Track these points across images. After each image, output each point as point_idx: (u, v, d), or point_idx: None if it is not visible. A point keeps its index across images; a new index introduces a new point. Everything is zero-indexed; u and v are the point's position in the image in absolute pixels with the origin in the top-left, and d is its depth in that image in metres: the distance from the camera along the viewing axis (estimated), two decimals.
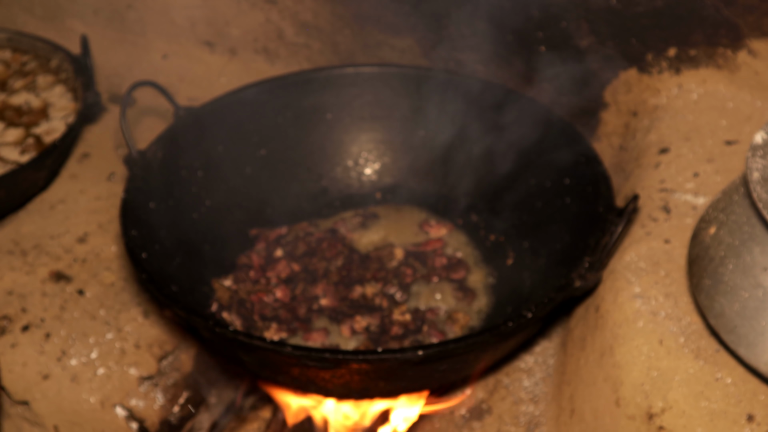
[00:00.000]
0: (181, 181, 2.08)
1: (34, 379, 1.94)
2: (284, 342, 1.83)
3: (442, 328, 1.96)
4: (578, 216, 1.90)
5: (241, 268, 2.12)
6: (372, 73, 2.33)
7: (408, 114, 2.35)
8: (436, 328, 1.96)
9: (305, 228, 2.27)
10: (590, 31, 2.29)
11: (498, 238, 2.19)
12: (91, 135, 2.71)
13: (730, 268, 1.39)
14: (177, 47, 3.06)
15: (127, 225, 1.79)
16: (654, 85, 2.30)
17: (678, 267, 1.69)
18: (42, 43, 2.79)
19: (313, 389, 1.68)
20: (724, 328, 1.41)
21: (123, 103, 1.93)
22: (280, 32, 2.84)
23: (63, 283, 2.13)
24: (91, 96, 2.46)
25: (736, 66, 2.19)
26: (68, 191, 2.44)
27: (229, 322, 1.95)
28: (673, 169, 2.00)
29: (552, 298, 1.60)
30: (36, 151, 2.35)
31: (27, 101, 2.58)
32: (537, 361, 2.00)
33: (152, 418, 1.97)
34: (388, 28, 2.61)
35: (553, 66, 2.40)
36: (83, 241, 2.25)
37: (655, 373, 1.51)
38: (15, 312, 2.04)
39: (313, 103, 2.33)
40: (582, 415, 1.69)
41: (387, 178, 2.41)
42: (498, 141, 2.19)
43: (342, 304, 2.01)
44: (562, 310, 2.06)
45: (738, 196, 1.45)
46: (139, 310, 2.08)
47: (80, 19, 3.17)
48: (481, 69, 2.54)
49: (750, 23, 2.11)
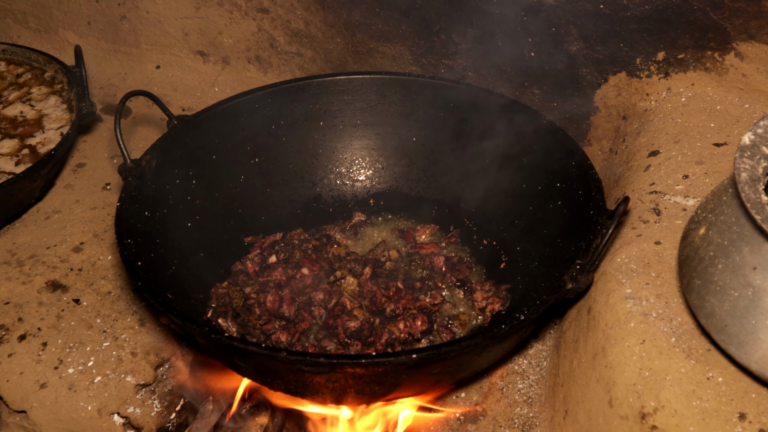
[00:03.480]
0: (176, 190, 2.09)
1: (31, 388, 1.94)
2: (279, 347, 1.84)
3: (450, 328, 1.99)
4: (569, 219, 1.91)
5: (236, 275, 2.13)
6: (364, 80, 2.34)
7: (400, 120, 2.37)
8: (444, 326, 1.98)
9: (299, 234, 2.28)
10: (579, 36, 2.31)
11: (491, 242, 2.20)
12: (86, 145, 2.72)
13: (720, 268, 1.40)
14: (170, 57, 3.08)
15: (122, 234, 1.80)
16: (643, 89, 2.32)
17: (669, 268, 1.70)
18: (36, 54, 2.81)
19: (309, 394, 1.69)
20: (715, 327, 1.42)
21: (117, 113, 1.94)
22: (273, 41, 2.85)
23: (59, 292, 2.13)
24: (85, 106, 2.47)
25: (723, 69, 2.20)
26: (63, 201, 2.45)
27: (225, 328, 1.95)
28: (662, 172, 2.01)
29: (544, 301, 1.61)
30: (31, 162, 2.36)
31: (22, 112, 2.59)
32: (531, 364, 2.01)
33: (149, 426, 1.97)
34: (379, 36, 2.62)
35: (542, 71, 2.42)
36: (79, 250, 2.26)
37: (647, 373, 1.51)
38: (12, 322, 2.05)
39: (305, 110, 2.35)
40: (575, 416, 1.70)
41: (380, 184, 2.42)
42: (489, 146, 2.21)
43: (337, 309, 2.02)
44: (555, 313, 2.07)
45: (727, 197, 1.46)
46: (135, 319, 2.09)
47: (74, 30, 3.18)
48: (472, 75, 2.55)
49: (737, 26, 2.13)
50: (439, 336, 1.97)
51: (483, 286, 2.07)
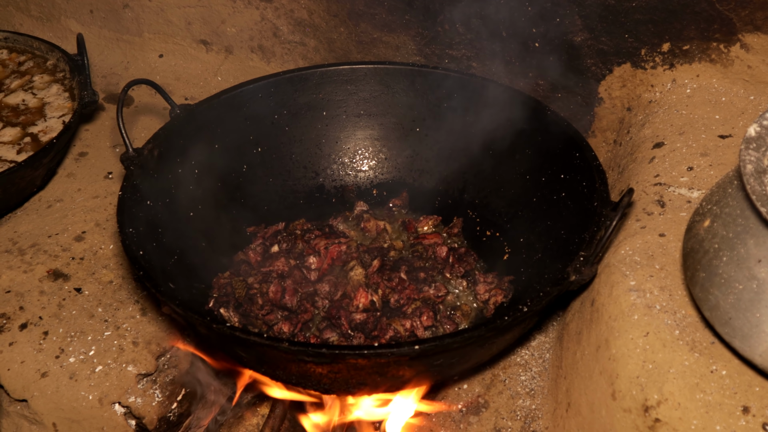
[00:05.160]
0: (178, 179, 2.08)
1: (32, 377, 1.94)
2: (280, 338, 1.84)
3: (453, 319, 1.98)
4: (573, 210, 1.91)
5: (238, 265, 2.13)
6: (367, 70, 2.34)
7: (403, 111, 2.36)
8: (447, 317, 1.98)
9: (302, 224, 2.27)
10: (584, 27, 2.30)
11: (494, 233, 2.20)
12: (88, 134, 2.72)
13: (725, 260, 1.39)
14: (173, 46, 3.07)
15: (123, 223, 1.80)
16: (648, 80, 2.31)
17: (673, 260, 1.70)
18: (38, 42, 2.80)
19: (311, 385, 1.68)
20: (719, 320, 1.41)
21: (119, 102, 1.93)
22: (276, 30, 2.84)
23: (61, 281, 2.13)
24: (87, 95, 2.47)
25: (729, 60, 2.19)
26: (65, 190, 2.44)
27: (227, 318, 1.95)
28: (667, 164, 2.01)
29: (547, 293, 1.61)
30: (33, 150, 2.35)
31: (24, 100, 2.58)
32: (533, 356, 2.00)
33: (150, 415, 1.97)
34: (383, 26, 2.61)
35: (547, 62, 2.41)
36: (81, 239, 2.25)
37: (651, 365, 1.51)
38: (13, 310, 2.05)
39: (308, 100, 2.34)
40: (578, 409, 1.70)
41: (383, 174, 2.42)
42: (492, 137, 2.20)
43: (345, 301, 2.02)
44: (558, 305, 2.06)
45: (732, 189, 1.45)
46: (137, 308, 2.09)
47: (76, 18, 3.17)
48: (476, 65, 2.54)
49: (743, 17, 2.12)
50: (441, 327, 1.97)
51: (486, 277, 2.06)
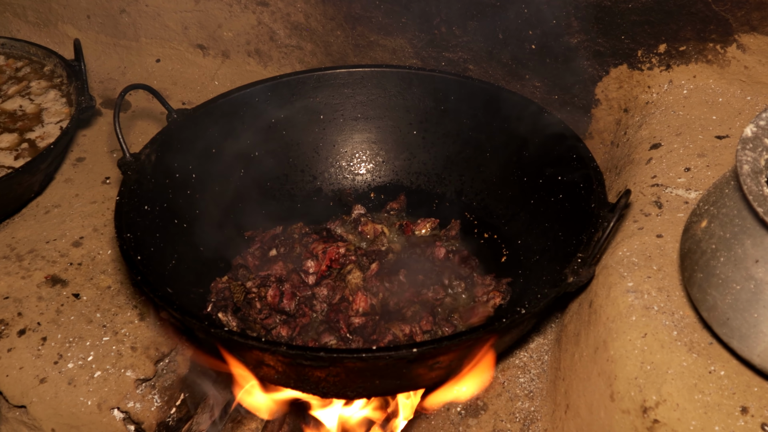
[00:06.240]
0: (175, 184, 2.08)
1: (31, 383, 1.94)
2: (279, 341, 1.84)
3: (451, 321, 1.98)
4: (571, 212, 1.91)
5: (236, 269, 2.12)
6: (364, 73, 2.34)
7: (401, 114, 2.36)
8: (445, 319, 1.98)
9: (300, 228, 2.27)
10: (580, 28, 2.30)
11: (491, 235, 2.20)
12: (86, 139, 2.72)
13: (722, 261, 1.40)
14: (170, 51, 3.07)
15: (121, 228, 1.80)
16: (645, 81, 2.31)
17: (670, 261, 1.70)
18: (35, 48, 2.80)
19: (309, 388, 1.68)
20: (717, 320, 1.41)
21: (116, 107, 1.93)
22: (272, 34, 2.84)
23: (59, 287, 2.13)
24: (84, 100, 2.47)
25: (725, 61, 2.19)
26: (63, 195, 2.44)
27: (225, 322, 1.95)
28: (664, 165, 2.01)
29: (545, 294, 1.61)
30: (30, 156, 2.35)
31: (21, 106, 2.58)
32: (532, 358, 2.00)
33: (149, 420, 1.97)
34: (380, 29, 2.62)
35: (543, 63, 2.41)
36: (78, 244, 2.25)
37: (649, 366, 1.51)
38: (11, 316, 2.05)
39: (305, 104, 2.34)
40: (577, 410, 1.70)
41: (380, 177, 2.42)
42: (490, 139, 2.20)
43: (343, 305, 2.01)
44: (556, 306, 2.06)
45: (729, 190, 1.45)
46: (135, 313, 2.08)
47: (73, 24, 3.17)
48: (473, 68, 2.54)
49: (739, 18, 2.12)
50: (440, 329, 1.96)
51: (484, 279, 2.06)
